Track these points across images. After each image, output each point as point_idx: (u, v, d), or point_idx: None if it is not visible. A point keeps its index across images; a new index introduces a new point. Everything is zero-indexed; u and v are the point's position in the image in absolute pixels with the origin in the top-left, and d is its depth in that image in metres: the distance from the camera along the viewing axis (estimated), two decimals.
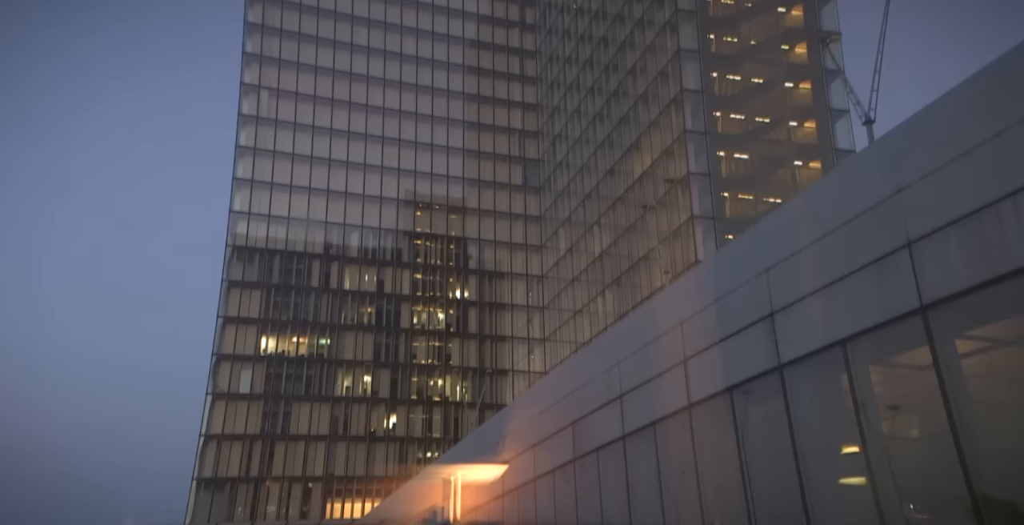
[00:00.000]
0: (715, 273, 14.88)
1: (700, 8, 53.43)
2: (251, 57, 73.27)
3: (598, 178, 64.37)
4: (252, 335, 66.84)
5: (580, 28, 71.86)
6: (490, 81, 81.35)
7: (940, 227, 8.64)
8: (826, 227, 10.89)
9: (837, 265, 10.39)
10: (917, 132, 9.57)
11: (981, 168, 8.24)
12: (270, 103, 72.85)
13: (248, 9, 74.37)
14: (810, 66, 53.28)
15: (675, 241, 50.70)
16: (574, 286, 67.44)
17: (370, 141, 75.15)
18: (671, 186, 51.71)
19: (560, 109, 75.14)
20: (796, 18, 55.00)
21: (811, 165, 51.32)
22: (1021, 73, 8.04)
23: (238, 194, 69.84)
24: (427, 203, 76.42)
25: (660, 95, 55.00)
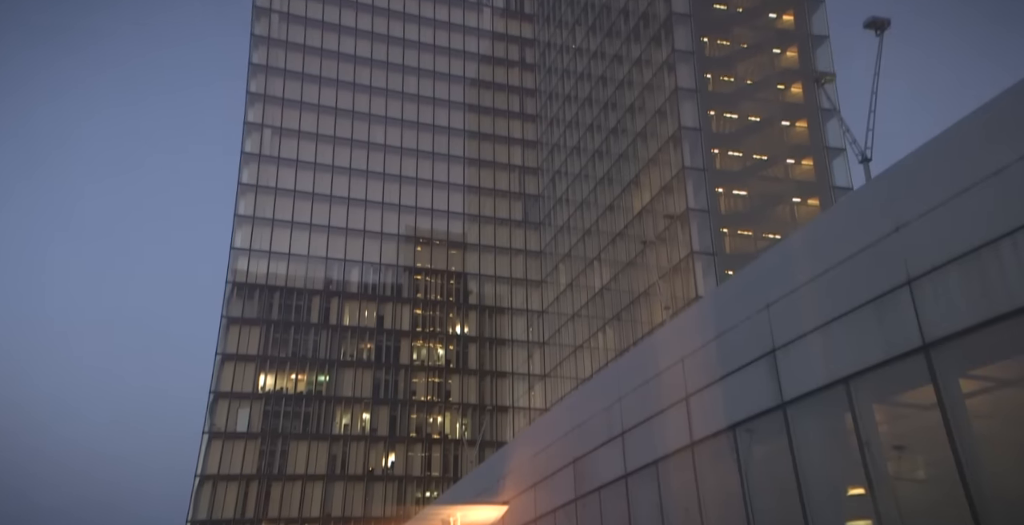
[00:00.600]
0: (716, 309, 14.84)
1: (697, 49, 54.47)
2: (255, 97, 74.39)
3: (598, 213, 64.73)
4: (250, 372, 66.35)
5: (579, 67, 73.13)
6: (490, 118, 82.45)
7: (940, 265, 8.65)
8: (826, 264, 10.90)
9: (838, 302, 10.38)
10: (915, 170, 9.65)
11: (980, 206, 8.29)
12: (273, 141, 73.71)
13: (253, 51, 75.79)
14: (806, 105, 54.05)
15: (675, 276, 50.72)
16: (574, 321, 67.22)
17: (371, 177, 75.79)
18: (671, 222, 51.97)
19: (560, 146, 75.98)
20: (791, 59, 56.02)
21: (809, 202, 51.67)
22: (1017, 113, 8.14)
23: (239, 231, 70.15)
24: (427, 238, 76.70)
25: (659, 132, 55.67)
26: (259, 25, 76.41)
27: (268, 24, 76.73)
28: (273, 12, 77.29)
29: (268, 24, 76.73)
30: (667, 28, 55.46)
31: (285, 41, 76.69)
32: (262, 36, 76.13)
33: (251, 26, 76.31)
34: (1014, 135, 8.00)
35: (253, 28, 76.15)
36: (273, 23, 76.97)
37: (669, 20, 55.14)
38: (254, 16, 76.49)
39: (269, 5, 77.31)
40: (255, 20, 76.41)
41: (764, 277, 13.06)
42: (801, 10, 56.28)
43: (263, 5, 77.10)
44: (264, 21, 76.70)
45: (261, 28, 76.39)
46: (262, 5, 77.08)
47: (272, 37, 76.41)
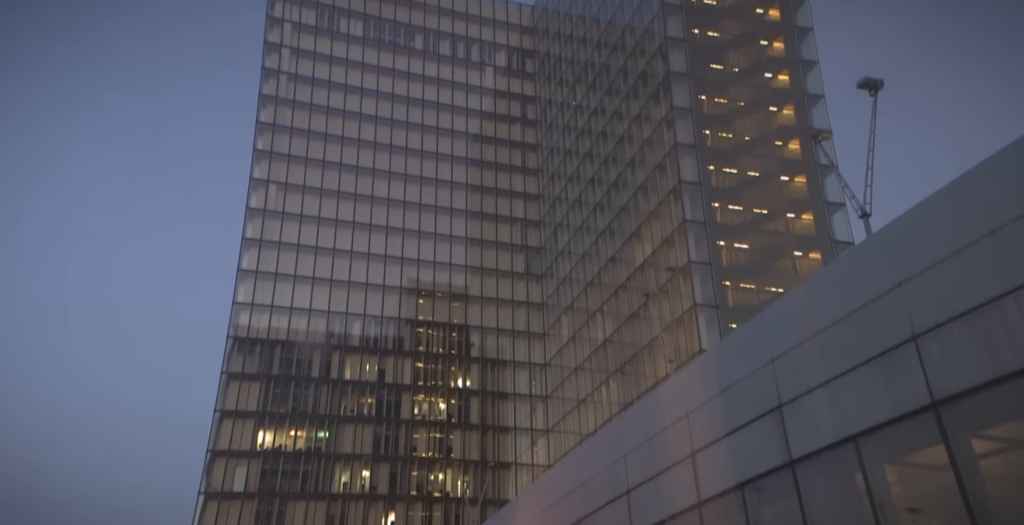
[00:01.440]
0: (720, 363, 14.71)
1: (695, 106, 55.64)
2: (261, 154, 75.68)
3: (600, 266, 64.88)
4: (249, 429, 65.27)
5: (580, 123, 74.62)
6: (492, 172, 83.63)
7: (944, 322, 8.61)
8: (829, 319, 10.86)
9: (843, 357, 10.29)
10: (915, 226, 9.73)
11: (980, 264, 8.31)
12: (278, 196, 74.62)
13: (260, 109, 77.52)
14: (804, 161, 54.70)
15: (678, 329, 50.45)
16: (577, 375, 66.52)
17: (375, 231, 76.39)
18: (672, 274, 52.04)
19: (561, 199, 76.83)
20: (787, 117, 57.07)
21: (811, 256, 51.79)
22: (1013, 172, 8.25)
23: (242, 285, 70.26)
24: (430, 291, 76.71)
25: (659, 186, 56.33)
26: (267, 85, 78.40)
27: (276, 84, 78.73)
28: (281, 73, 79.42)
29: (276, 84, 78.73)
30: (665, 86, 56.80)
31: (292, 100, 78.52)
32: (270, 95, 78.02)
33: (259, 86, 78.28)
34: (1009, 195, 8.10)
35: (261, 88, 78.10)
36: (281, 83, 78.99)
37: (667, 79, 56.53)
38: (263, 77, 78.55)
39: (278, 66, 79.50)
40: (263, 81, 78.44)
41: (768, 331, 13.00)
42: (796, 71, 57.59)
43: (272, 66, 79.30)
44: (272, 81, 78.74)
45: (269, 88, 78.36)
46: (271, 66, 79.27)
47: (280, 96, 78.28)
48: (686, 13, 58.28)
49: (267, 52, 79.45)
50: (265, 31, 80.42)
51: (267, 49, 79.56)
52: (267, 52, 79.45)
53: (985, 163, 8.78)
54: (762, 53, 58.86)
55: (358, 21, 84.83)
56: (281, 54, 79.99)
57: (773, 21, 59.48)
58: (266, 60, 79.19)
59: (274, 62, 79.49)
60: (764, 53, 58.87)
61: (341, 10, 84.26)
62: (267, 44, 79.77)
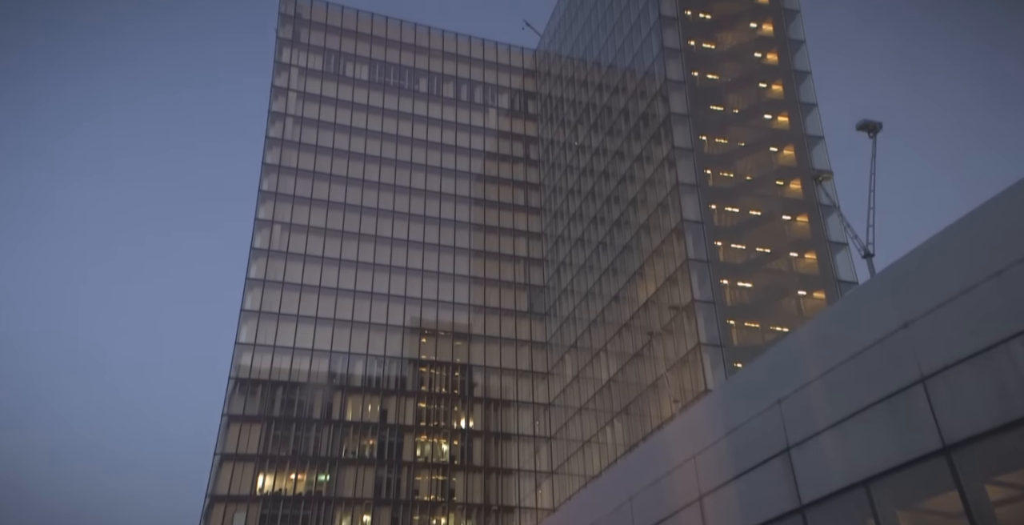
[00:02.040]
0: (726, 404, 14.55)
1: (696, 146, 56.22)
2: (266, 195, 76.38)
3: (603, 304, 64.71)
4: (249, 473, 64.21)
5: (582, 163, 75.38)
6: (495, 211, 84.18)
7: (952, 364, 8.53)
8: (835, 359, 10.77)
9: (850, 399, 10.17)
10: (919, 267, 9.73)
11: (985, 306, 8.27)
12: (282, 237, 75.02)
13: (266, 151, 78.46)
14: (805, 201, 54.85)
15: (683, 368, 50.01)
16: (582, 415, 65.69)
17: (378, 270, 76.54)
18: (676, 313, 51.82)
19: (564, 237, 77.12)
20: (788, 157, 57.49)
21: (815, 295, 51.57)
22: (1016, 213, 8.27)
23: (245, 325, 70.06)
24: (432, 330, 76.41)
25: (661, 225, 56.55)
26: (273, 128, 79.58)
27: (282, 127, 79.91)
28: (288, 116, 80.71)
29: (282, 127, 79.91)
30: (666, 127, 57.51)
31: (298, 142, 79.57)
32: (276, 138, 79.12)
33: (265, 129, 79.47)
34: (1013, 237, 8.10)
35: (268, 131, 79.24)
36: (287, 126, 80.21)
37: (668, 120, 57.27)
38: (269, 120, 79.75)
39: (284, 110, 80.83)
40: (270, 124, 79.64)
41: (774, 372, 12.89)
42: (795, 113, 58.25)
43: (278, 110, 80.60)
44: (278, 124, 79.96)
45: (275, 131, 79.51)
46: (277, 110, 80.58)
47: (285, 138, 79.37)
48: (685, 56, 59.37)
49: (274, 96, 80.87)
50: (272, 76, 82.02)
51: (274, 93, 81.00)
52: (274, 96, 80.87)
53: (988, 204, 8.82)
54: (761, 95, 59.72)
55: (364, 65, 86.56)
56: (288, 98, 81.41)
57: (771, 65, 60.48)
58: (273, 104, 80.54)
59: (280, 106, 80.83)
60: (763, 95, 59.73)
61: (347, 55, 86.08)
62: (274, 88, 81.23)
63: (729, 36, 62.33)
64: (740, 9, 62.30)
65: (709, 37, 61.87)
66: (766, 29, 61.68)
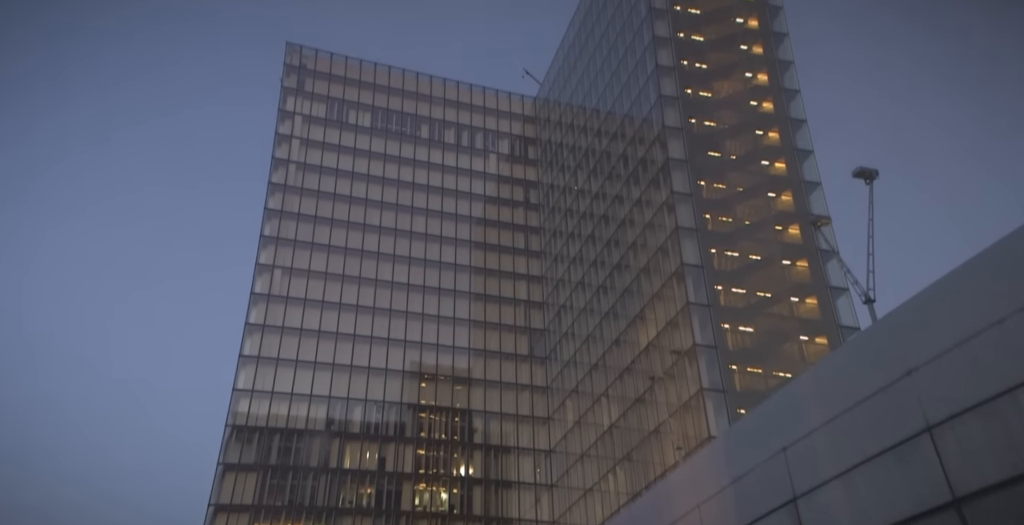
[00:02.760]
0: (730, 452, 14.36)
1: (695, 191, 56.78)
2: (268, 240, 76.74)
3: (604, 348, 64.33)
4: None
5: (581, 207, 76.01)
6: (496, 255, 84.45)
7: (958, 413, 8.46)
8: (839, 407, 10.69)
9: (856, 448, 10.05)
10: (921, 314, 9.74)
11: (989, 353, 8.25)
12: (283, 281, 75.08)
13: (269, 197, 79.14)
14: (805, 246, 54.98)
15: (685, 414, 49.39)
16: (583, 462, 64.58)
17: (378, 314, 76.34)
18: (678, 358, 51.49)
19: (564, 281, 77.19)
20: (786, 203, 57.92)
21: (817, 340, 51.27)
22: (1014, 261, 8.31)
23: (243, 371, 69.46)
24: (432, 374, 75.77)
25: (661, 269, 56.66)
26: (276, 174, 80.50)
27: (285, 173, 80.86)
28: (291, 162, 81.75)
29: (285, 173, 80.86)
30: (665, 172, 58.18)
31: (300, 187, 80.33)
32: (278, 184, 79.96)
33: (269, 175, 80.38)
34: (1013, 285, 8.14)
35: (271, 177, 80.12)
36: (290, 171, 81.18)
37: (666, 165, 58.00)
38: (272, 166, 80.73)
39: (287, 156, 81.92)
40: (273, 170, 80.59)
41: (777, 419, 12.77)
42: (792, 159, 58.96)
43: (282, 156, 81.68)
44: (281, 171, 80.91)
45: (278, 177, 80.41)
46: (281, 156, 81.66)
47: (288, 184, 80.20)
48: (683, 104, 60.49)
49: (277, 143, 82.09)
50: (276, 123, 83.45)
51: (278, 140, 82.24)
52: (277, 143, 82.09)
53: (987, 252, 8.89)
54: (758, 142, 60.58)
55: (366, 112, 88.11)
56: (291, 144, 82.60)
57: (767, 113, 61.53)
58: (276, 150, 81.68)
59: (284, 152, 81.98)
60: (760, 142, 60.58)
61: (350, 103, 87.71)
62: (278, 135, 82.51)
63: (725, 85, 63.62)
64: (736, 59, 63.75)
65: (705, 86, 63.15)
66: (761, 78, 63.01)
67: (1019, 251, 8.40)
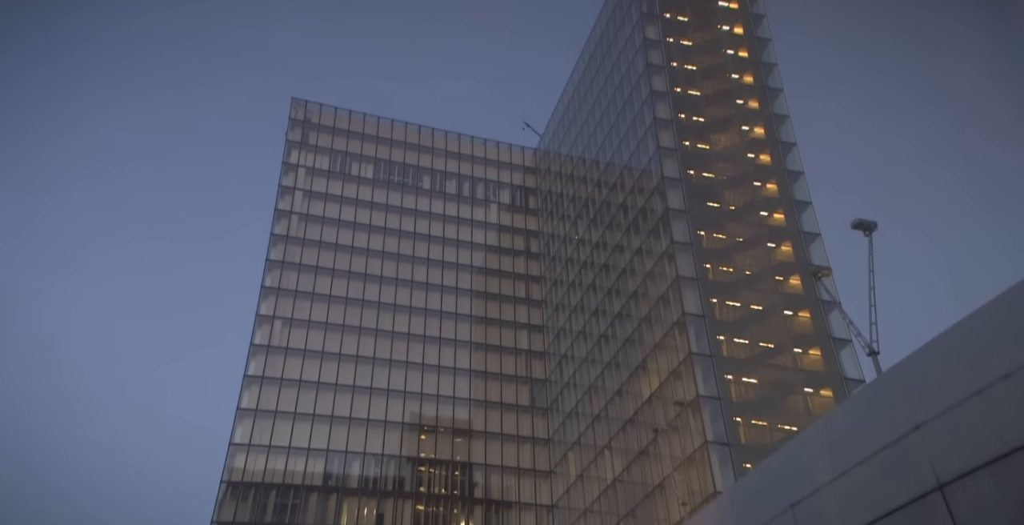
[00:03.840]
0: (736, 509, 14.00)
1: (695, 241, 57.03)
2: (269, 291, 76.70)
3: (606, 399, 63.50)
4: None
5: (582, 256, 76.27)
6: (496, 304, 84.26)
7: (969, 471, 8.28)
8: (847, 463, 10.48)
9: (866, 506, 9.80)
10: (927, 366, 9.64)
11: (998, 408, 8.13)
12: (282, 332, 74.70)
13: (271, 248, 79.50)
14: (806, 296, 54.73)
15: (690, 468, 48.37)
16: (586, 518, 62.88)
17: (378, 364, 75.68)
18: (681, 409, 50.77)
19: (566, 330, 76.78)
20: (786, 253, 58.01)
21: (822, 393, 50.57)
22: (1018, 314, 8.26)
23: (240, 425, 68.41)
24: (432, 426, 74.58)
25: (663, 318, 56.42)
26: (279, 226, 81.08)
27: (287, 224, 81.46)
28: (293, 214, 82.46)
29: (287, 224, 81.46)
30: (665, 222, 58.59)
31: (302, 238, 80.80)
32: (281, 235, 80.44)
33: (271, 226, 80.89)
34: (1018, 339, 8.07)
35: (273, 228, 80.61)
36: (292, 223, 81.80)
37: (666, 215, 58.44)
38: (275, 218, 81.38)
39: (290, 208, 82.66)
40: (275, 221, 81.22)
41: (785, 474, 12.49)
42: (791, 210, 59.31)
43: (284, 208, 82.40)
44: (284, 222, 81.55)
45: (280, 228, 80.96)
46: (283, 208, 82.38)
47: (290, 235, 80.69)
48: (681, 156, 61.36)
49: (281, 195, 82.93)
50: (280, 175, 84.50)
51: (281, 192, 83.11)
52: (281, 195, 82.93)
53: (991, 304, 8.84)
54: (756, 193, 61.15)
55: (368, 164, 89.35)
56: (294, 196, 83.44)
57: (765, 165, 62.35)
58: (279, 202, 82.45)
59: (287, 204, 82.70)
60: (758, 193, 61.15)
61: (353, 155, 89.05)
62: (281, 187, 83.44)
63: (723, 137, 64.68)
64: (732, 113, 65.00)
65: (703, 138, 64.19)
66: (758, 131, 64.07)
67: (1021, 303, 8.37)
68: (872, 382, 13.22)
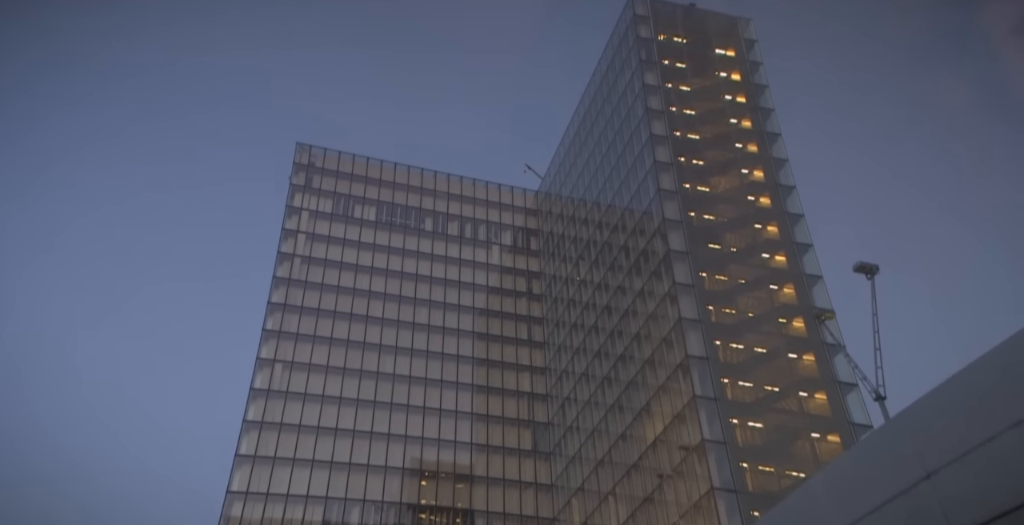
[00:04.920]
0: None
1: (696, 282, 56.91)
2: (270, 334, 76.37)
3: (610, 443, 62.47)
4: None
5: (584, 297, 76.10)
6: (498, 346, 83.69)
7: (984, 522, 8.04)
8: (856, 512, 10.20)
9: None
10: (936, 412, 9.46)
11: (1010, 458, 7.94)
12: (283, 376, 74.04)
13: (273, 291, 79.40)
14: (810, 339, 54.25)
15: (697, 515, 47.22)
16: None
17: (378, 408, 74.75)
18: (686, 454, 49.87)
19: (568, 372, 76.07)
20: (788, 295, 57.76)
21: (829, 438, 49.66)
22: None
23: (238, 472, 67.22)
24: (433, 471, 73.23)
25: (666, 361, 55.92)
26: (281, 268, 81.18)
27: (290, 267, 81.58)
28: (296, 256, 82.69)
29: (290, 267, 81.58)
30: (666, 263, 58.60)
31: (304, 281, 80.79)
32: (283, 278, 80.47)
33: (273, 269, 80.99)
34: None
35: (276, 271, 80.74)
36: (295, 266, 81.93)
37: (668, 257, 58.49)
38: (277, 261, 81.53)
39: (293, 251, 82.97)
40: (278, 264, 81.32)
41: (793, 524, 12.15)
42: (792, 252, 59.31)
43: (287, 251, 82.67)
44: (286, 265, 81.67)
45: (283, 271, 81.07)
46: (286, 251, 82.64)
47: (292, 278, 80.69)
48: (681, 198, 61.77)
49: (284, 237, 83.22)
50: (284, 219, 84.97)
51: (284, 235, 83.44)
52: (284, 237, 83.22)
53: (999, 348, 8.72)
54: (757, 236, 61.29)
55: (371, 207, 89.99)
56: (297, 239, 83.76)
57: (765, 207, 62.67)
58: (282, 245, 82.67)
59: (289, 247, 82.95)
60: (759, 236, 61.30)
61: (356, 197, 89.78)
62: (284, 230, 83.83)
63: (723, 180, 65.23)
64: (731, 157, 65.71)
65: (703, 181, 64.74)
66: (757, 175, 64.62)
67: None
68: (880, 428, 12.97)
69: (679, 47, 72.96)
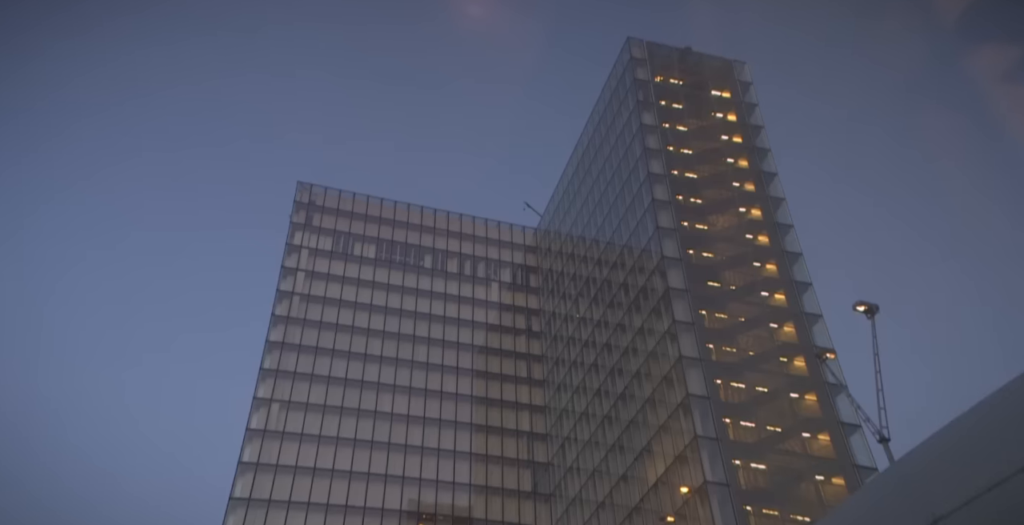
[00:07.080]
0: None
1: (696, 320, 56.65)
2: (267, 373, 75.67)
3: (611, 485, 61.32)
4: None
5: (584, 335, 75.67)
6: (498, 384, 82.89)
7: None
8: None
9: None
10: (941, 454, 9.31)
11: (1017, 504, 7.78)
12: (279, 416, 73.09)
13: (271, 329, 78.89)
14: (811, 379, 53.71)
15: None
16: None
17: (376, 448, 73.63)
18: (689, 496, 48.89)
19: (568, 411, 75.14)
20: (789, 334, 57.41)
21: (834, 481, 48.72)
22: None
23: (232, 516, 65.82)
24: (431, 514, 71.69)
25: (667, 400, 55.29)
26: (280, 306, 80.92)
27: (288, 305, 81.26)
28: (295, 294, 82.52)
29: (288, 305, 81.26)
30: (666, 301, 58.43)
31: (303, 319, 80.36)
32: (281, 316, 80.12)
33: (272, 307, 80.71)
34: None
35: (274, 309, 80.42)
36: (294, 303, 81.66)
37: (667, 294, 58.37)
38: (276, 299, 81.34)
39: (292, 288, 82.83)
40: (277, 302, 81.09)
41: None
42: (791, 291, 59.15)
43: (286, 289, 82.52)
44: (285, 303, 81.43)
45: (282, 309, 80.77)
46: (285, 289, 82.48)
47: (291, 316, 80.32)
48: (680, 236, 61.96)
49: (283, 276, 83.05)
50: (283, 257, 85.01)
51: (283, 273, 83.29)
52: (283, 276, 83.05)
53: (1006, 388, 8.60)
54: (756, 274, 61.24)
55: (371, 244, 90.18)
56: (296, 277, 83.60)
57: (763, 246, 62.81)
58: (281, 283, 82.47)
59: (289, 285, 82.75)
60: (758, 274, 61.25)
61: (356, 236, 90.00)
62: (283, 269, 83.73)
63: (721, 219, 65.52)
64: (729, 196, 66.16)
65: (701, 219, 65.03)
66: (755, 213, 64.94)
67: None
68: (884, 471, 12.74)
69: (676, 88, 74.16)
